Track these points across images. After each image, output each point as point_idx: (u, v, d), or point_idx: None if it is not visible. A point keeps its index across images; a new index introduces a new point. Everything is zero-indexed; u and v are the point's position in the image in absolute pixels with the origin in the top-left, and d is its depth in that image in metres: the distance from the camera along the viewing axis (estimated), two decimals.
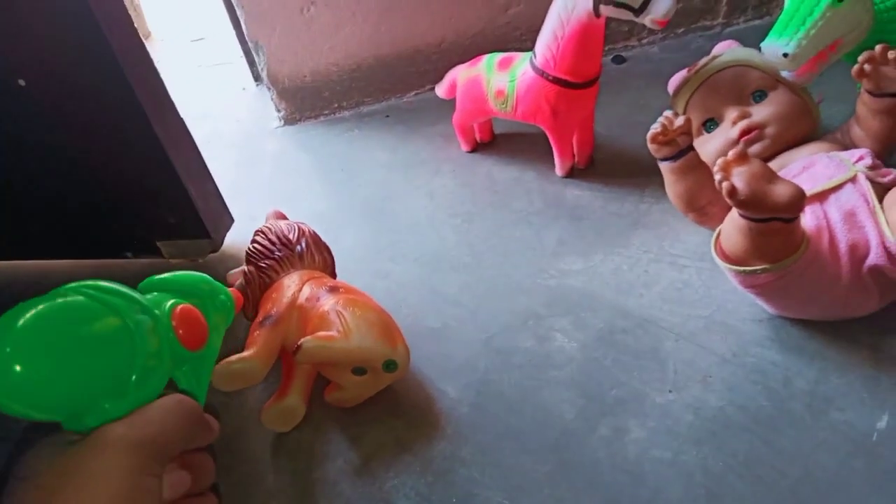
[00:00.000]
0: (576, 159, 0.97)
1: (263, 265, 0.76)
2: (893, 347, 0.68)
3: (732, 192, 0.58)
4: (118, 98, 0.78)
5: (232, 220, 0.98)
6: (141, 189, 0.89)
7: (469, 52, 1.13)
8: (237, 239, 0.99)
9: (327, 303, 0.69)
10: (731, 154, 0.60)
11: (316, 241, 0.79)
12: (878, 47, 0.68)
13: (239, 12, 1.06)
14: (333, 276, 0.81)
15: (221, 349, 0.49)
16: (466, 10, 1.10)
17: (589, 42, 0.80)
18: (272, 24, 1.07)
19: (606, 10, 0.76)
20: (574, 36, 0.80)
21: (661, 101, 0.93)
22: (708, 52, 0.91)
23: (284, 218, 0.84)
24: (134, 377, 0.36)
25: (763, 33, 0.77)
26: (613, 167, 0.98)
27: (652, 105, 1.05)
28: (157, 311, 0.39)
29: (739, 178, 0.58)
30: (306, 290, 0.72)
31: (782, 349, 0.70)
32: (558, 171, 0.97)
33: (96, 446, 0.34)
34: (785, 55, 0.73)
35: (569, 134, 0.93)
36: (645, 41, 1.18)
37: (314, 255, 0.78)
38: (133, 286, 0.41)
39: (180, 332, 0.40)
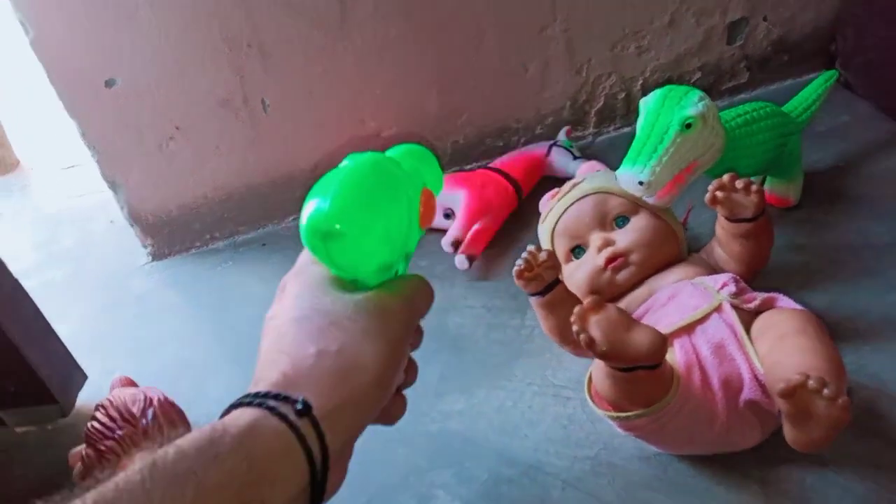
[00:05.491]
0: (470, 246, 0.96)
1: (103, 447, 0.68)
2: (781, 480, 0.65)
3: (591, 343, 0.55)
4: None
5: (84, 378, 0.89)
6: None
7: None
8: (97, 395, 0.90)
9: None
10: (586, 302, 0.57)
11: (165, 410, 0.72)
12: (725, 176, 0.69)
13: (92, 153, 1.00)
14: None
15: None
16: (338, 134, 1.07)
17: None
18: (129, 163, 1.02)
19: None
20: None
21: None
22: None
23: (132, 384, 0.76)
24: (403, 241, 0.41)
25: (633, 139, 0.77)
26: (497, 291, 0.94)
27: (531, 224, 1.04)
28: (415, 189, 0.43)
29: (597, 328, 0.56)
30: None
31: (670, 490, 0.67)
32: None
33: (382, 313, 0.39)
34: (641, 183, 0.72)
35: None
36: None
37: (163, 428, 0.70)
38: None
39: (422, 210, 0.43)
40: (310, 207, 0.38)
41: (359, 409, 0.36)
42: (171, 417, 0.71)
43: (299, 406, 0.33)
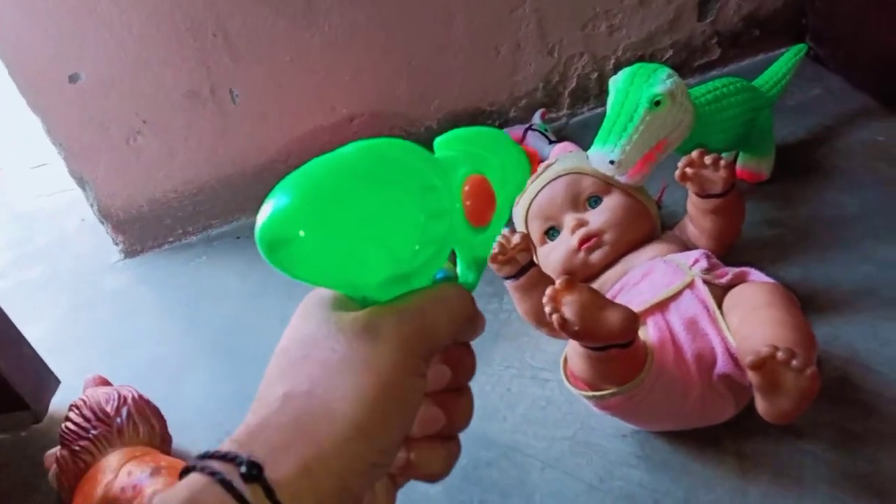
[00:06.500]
0: None
1: (77, 448, 0.67)
2: (756, 452, 0.65)
3: (564, 324, 0.55)
4: None
5: (57, 383, 0.87)
6: None
7: None
8: (71, 396, 0.88)
9: (149, 489, 0.61)
10: (558, 283, 0.57)
11: (140, 408, 0.71)
12: (694, 152, 0.68)
13: (57, 150, 0.98)
14: (165, 444, 0.72)
15: None
16: (309, 122, 1.06)
17: None
18: (95, 159, 1.00)
19: None
20: None
21: None
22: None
23: (106, 383, 0.75)
24: (417, 246, 0.31)
25: None
26: None
27: None
28: (447, 177, 0.33)
29: (569, 309, 0.55)
30: (123, 477, 0.63)
31: (649, 467, 0.67)
32: None
33: (367, 334, 0.30)
34: (612, 162, 0.72)
35: None
36: None
37: (138, 426, 0.69)
38: None
39: (468, 203, 0.33)
40: (262, 212, 0.29)
41: (332, 469, 0.27)
42: (145, 415, 0.71)
43: (243, 469, 0.26)
